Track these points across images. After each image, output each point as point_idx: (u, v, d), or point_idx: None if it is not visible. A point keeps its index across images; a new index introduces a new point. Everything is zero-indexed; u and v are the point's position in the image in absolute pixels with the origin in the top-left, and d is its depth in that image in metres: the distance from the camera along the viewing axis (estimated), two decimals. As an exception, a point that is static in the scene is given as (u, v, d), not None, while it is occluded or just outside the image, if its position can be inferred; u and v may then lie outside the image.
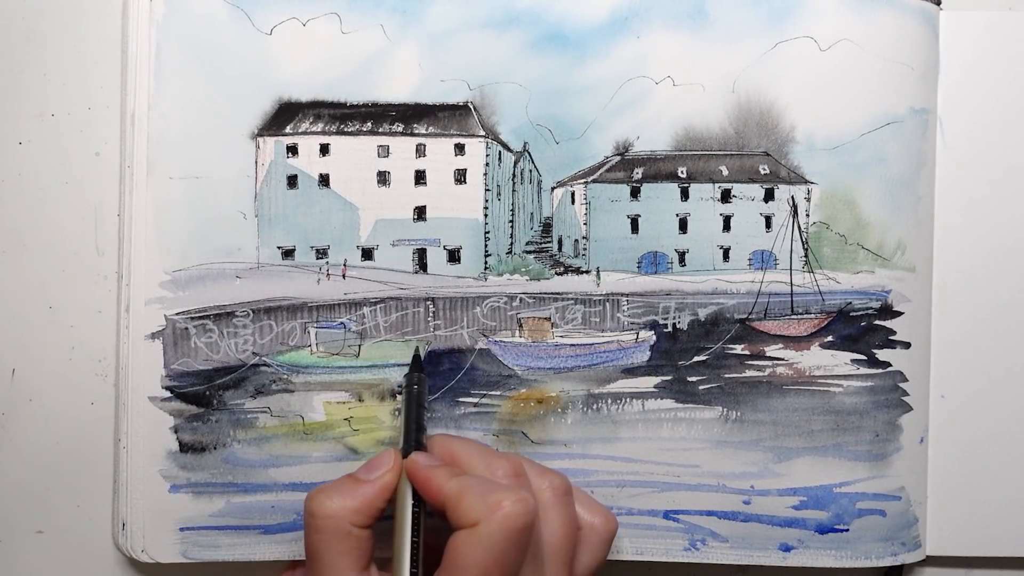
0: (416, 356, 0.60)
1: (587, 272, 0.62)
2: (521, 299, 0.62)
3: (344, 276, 0.61)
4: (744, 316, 0.62)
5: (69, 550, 0.62)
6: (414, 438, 0.56)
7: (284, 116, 0.60)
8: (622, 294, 0.62)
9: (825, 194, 0.61)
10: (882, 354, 0.62)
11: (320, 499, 0.52)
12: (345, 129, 0.61)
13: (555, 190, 0.62)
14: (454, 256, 0.61)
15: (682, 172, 0.62)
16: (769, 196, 0.62)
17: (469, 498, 0.49)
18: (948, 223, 0.63)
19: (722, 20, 0.61)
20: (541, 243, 0.63)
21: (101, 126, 0.61)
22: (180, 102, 0.59)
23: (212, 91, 0.60)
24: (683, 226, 0.62)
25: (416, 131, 0.61)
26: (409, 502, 0.53)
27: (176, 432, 0.60)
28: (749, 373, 0.62)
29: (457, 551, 0.49)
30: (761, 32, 0.61)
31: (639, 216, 0.62)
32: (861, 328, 0.62)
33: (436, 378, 0.61)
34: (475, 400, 0.61)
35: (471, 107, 0.61)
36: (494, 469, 0.53)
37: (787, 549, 0.62)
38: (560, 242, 0.63)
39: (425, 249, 0.61)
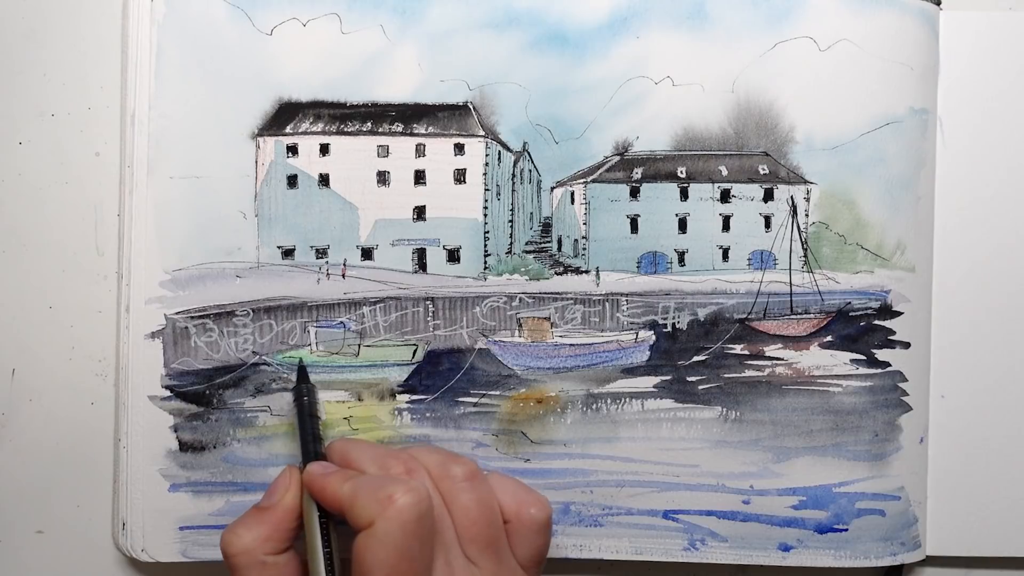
0: (301, 367, 0.60)
1: (586, 272, 0.62)
2: (521, 299, 0.62)
3: (344, 276, 0.61)
4: (743, 316, 0.62)
5: (69, 550, 0.63)
6: (312, 449, 0.56)
7: (284, 116, 0.60)
8: (621, 294, 0.62)
9: (824, 194, 0.61)
10: (882, 354, 0.62)
11: (229, 538, 0.52)
12: (345, 129, 0.61)
13: (555, 190, 0.62)
14: (454, 256, 0.61)
15: (681, 172, 0.62)
16: (768, 196, 0.62)
17: (361, 498, 0.49)
18: (948, 223, 0.63)
19: (721, 20, 0.61)
20: (540, 243, 0.63)
21: (101, 126, 0.61)
22: (180, 102, 0.60)
23: (212, 91, 0.60)
24: (682, 226, 0.62)
25: (416, 131, 0.61)
26: (315, 514, 0.53)
27: (176, 431, 0.60)
28: (748, 373, 0.62)
29: (360, 554, 0.48)
30: (760, 32, 0.61)
31: (638, 216, 0.62)
32: (860, 328, 0.62)
33: (436, 378, 0.61)
34: (475, 400, 0.61)
35: (471, 107, 0.61)
36: (387, 467, 0.53)
37: (786, 549, 0.62)
38: (559, 242, 0.63)
39: (425, 249, 0.61)
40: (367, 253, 0.61)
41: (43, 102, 0.61)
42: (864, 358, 0.62)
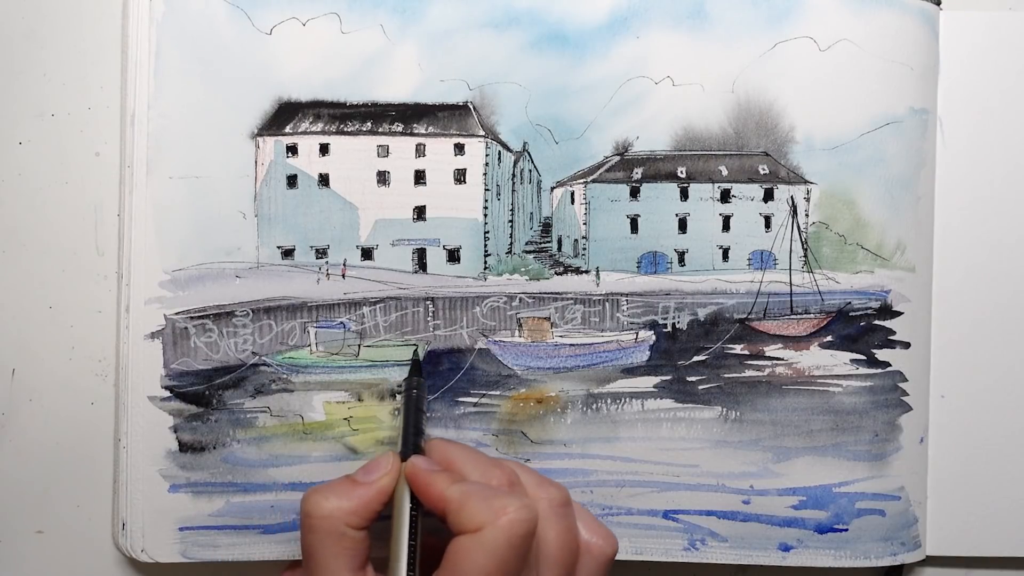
0: (415, 360, 0.60)
1: (586, 272, 0.62)
2: (521, 299, 0.62)
3: (344, 276, 0.61)
4: (743, 316, 0.62)
5: (69, 550, 0.63)
6: (412, 442, 0.56)
7: (284, 116, 0.60)
8: (621, 294, 0.62)
9: (824, 194, 0.61)
10: (882, 354, 0.62)
11: (316, 499, 0.52)
12: (345, 129, 0.61)
13: (555, 190, 0.62)
14: (454, 256, 0.61)
15: (681, 172, 0.62)
16: (768, 196, 0.62)
17: (473, 504, 0.49)
18: (948, 223, 0.63)
19: (721, 20, 0.61)
20: (540, 243, 0.63)
21: (101, 126, 0.61)
22: (180, 102, 0.60)
23: (212, 91, 0.60)
24: (682, 226, 0.62)
25: (416, 131, 0.61)
26: (407, 505, 0.53)
27: (176, 432, 0.60)
28: (748, 373, 0.62)
29: (458, 555, 0.49)
30: (760, 32, 0.61)
31: (638, 216, 0.62)
32: (860, 328, 0.62)
33: (436, 378, 0.61)
34: (475, 400, 0.61)
35: (471, 107, 0.61)
36: (489, 476, 0.53)
37: (786, 549, 0.62)
38: (559, 242, 0.63)
39: (425, 249, 0.61)
40: (367, 253, 0.61)
41: (43, 102, 0.61)
42: (864, 358, 0.62)
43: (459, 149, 0.62)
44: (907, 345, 0.62)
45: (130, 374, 0.60)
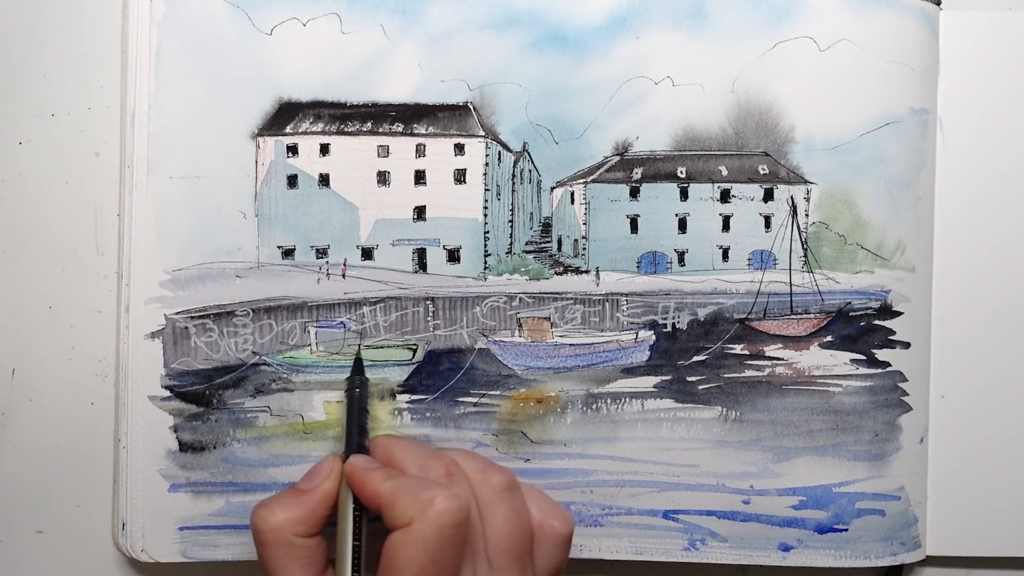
0: (357, 359, 0.60)
1: (586, 272, 0.62)
2: (520, 299, 0.62)
3: (344, 276, 0.61)
4: (743, 316, 0.62)
5: (69, 550, 0.63)
6: (356, 442, 0.56)
7: (284, 116, 0.60)
8: (621, 294, 0.62)
9: (824, 194, 0.61)
10: (882, 354, 0.62)
11: (262, 513, 0.52)
12: (345, 129, 0.61)
13: (555, 190, 0.62)
14: (454, 256, 0.61)
15: (681, 172, 0.62)
16: (768, 196, 0.62)
17: (402, 498, 0.50)
18: (948, 223, 0.63)
19: (721, 20, 0.61)
20: (540, 243, 0.63)
21: (101, 126, 0.61)
22: (180, 102, 0.60)
23: (212, 91, 0.60)
24: (682, 226, 0.62)
25: (416, 131, 0.61)
26: (350, 506, 0.53)
27: (176, 431, 0.60)
28: (748, 373, 0.62)
29: (392, 551, 0.49)
30: (760, 32, 0.61)
31: (638, 216, 0.62)
32: (860, 328, 0.62)
33: (436, 378, 0.61)
34: (475, 400, 0.61)
35: (471, 107, 0.61)
36: (428, 469, 0.53)
37: (786, 549, 0.62)
38: (559, 242, 0.63)
39: (425, 249, 0.61)
40: (367, 253, 0.61)
41: (43, 102, 0.61)
42: (864, 358, 0.62)
43: (459, 149, 0.62)
44: (907, 345, 0.62)
45: (130, 374, 0.60)
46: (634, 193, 0.62)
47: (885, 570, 0.63)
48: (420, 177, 0.61)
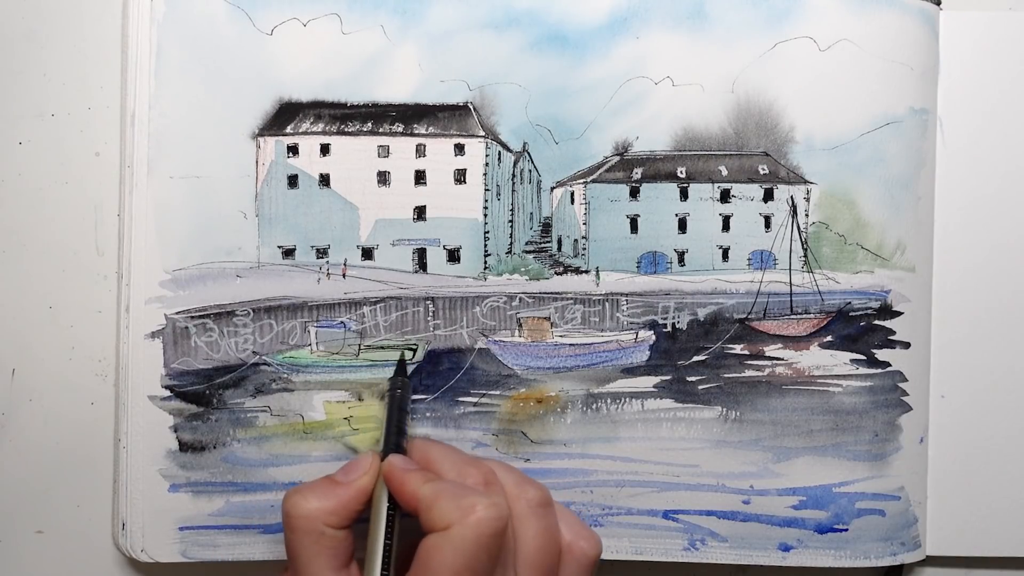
0: (401, 360, 0.60)
1: (586, 272, 0.62)
2: (520, 299, 0.62)
3: (344, 276, 0.61)
4: (743, 316, 0.62)
5: (69, 550, 0.63)
6: (394, 441, 0.56)
7: (284, 116, 0.61)
8: (621, 294, 0.62)
9: (824, 194, 0.61)
10: (881, 354, 0.62)
11: (296, 500, 0.52)
12: (345, 129, 0.61)
13: (554, 190, 0.62)
14: (454, 256, 0.61)
15: (681, 172, 0.62)
16: (768, 196, 0.62)
17: (442, 502, 0.50)
18: (948, 223, 0.63)
19: (721, 20, 0.61)
20: (540, 243, 0.63)
21: (101, 126, 0.61)
22: (181, 102, 0.60)
23: (213, 91, 0.60)
24: (682, 226, 0.62)
25: (416, 131, 0.61)
26: (384, 505, 0.53)
27: (176, 431, 0.60)
28: (748, 373, 0.62)
29: (428, 553, 0.49)
30: (760, 32, 0.61)
31: (638, 216, 0.62)
32: (860, 328, 0.62)
33: (436, 377, 0.61)
34: (475, 400, 0.61)
35: (471, 107, 0.61)
36: (465, 475, 0.53)
37: (786, 549, 0.62)
38: (559, 242, 0.63)
39: (425, 249, 0.61)
40: (367, 253, 0.61)
41: (43, 102, 0.61)
42: (864, 358, 0.62)
43: (459, 149, 0.62)
44: (907, 345, 0.62)
45: (130, 374, 0.60)
46: (634, 193, 0.62)
47: (885, 570, 0.63)
48: (420, 177, 0.61)
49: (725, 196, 0.62)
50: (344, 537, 0.53)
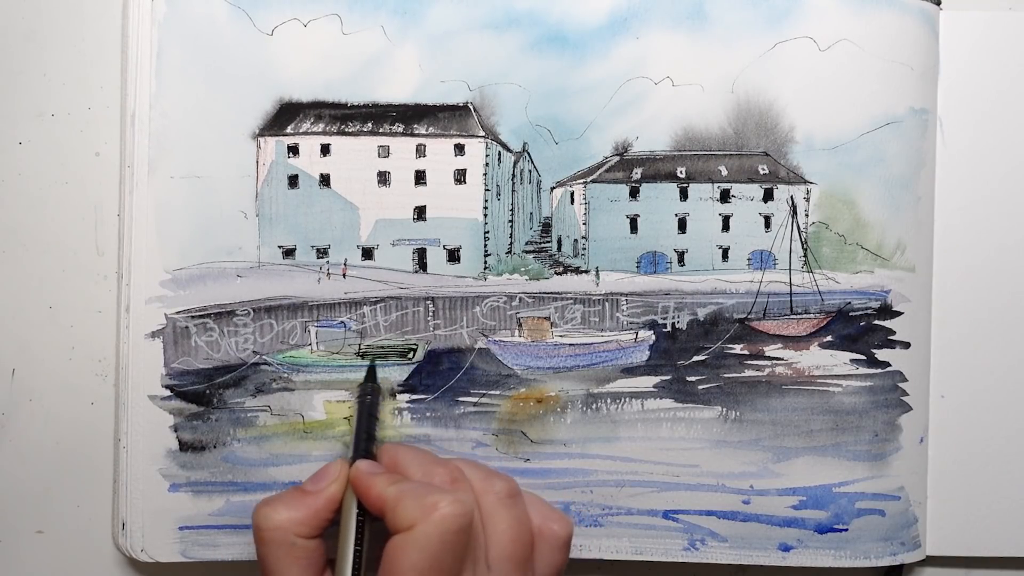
0: (371, 368, 0.60)
1: (586, 272, 0.62)
2: (520, 299, 0.62)
3: (344, 275, 0.61)
4: (743, 316, 0.62)
5: (69, 550, 0.62)
6: (363, 447, 0.56)
7: (285, 116, 0.61)
8: (621, 294, 0.62)
9: (824, 194, 0.61)
10: (881, 354, 0.62)
11: (265, 512, 0.52)
12: (346, 129, 0.61)
13: (554, 190, 0.62)
14: (454, 256, 0.61)
15: (681, 172, 0.62)
16: (768, 196, 0.62)
17: (406, 502, 0.50)
18: (948, 223, 0.63)
19: (721, 21, 0.61)
20: (540, 243, 0.63)
21: (101, 126, 0.61)
22: (181, 102, 0.60)
23: (213, 91, 0.60)
24: (682, 226, 0.62)
25: (416, 131, 0.61)
26: (354, 511, 0.53)
27: (176, 431, 0.60)
28: (748, 373, 0.62)
29: (393, 554, 0.49)
30: (760, 32, 0.61)
31: (638, 216, 0.62)
32: (860, 328, 0.62)
33: (436, 377, 0.61)
34: (475, 399, 0.61)
35: (471, 108, 0.61)
36: (432, 475, 0.53)
37: (786, 549, 0.62)
38: (559, 242, 0.63)
39: (425, 249, 0.61)
40: (367, 253, 0.61)
41: (43, 102, 0.61)
42: (864, 358, 0.62)
43: (459, 149, 0.62)
44: (907, 345, 0.62)
45: (130, 373, 0.60)
46: (634, 193, 0.62)
47: (885, 570, 0.63)
48: (420, 177, 0.61)
49: (725, 196, 0.62)
50: (316, 546, 0.53)
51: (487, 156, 0.62)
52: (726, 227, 0.62)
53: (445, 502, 0.49)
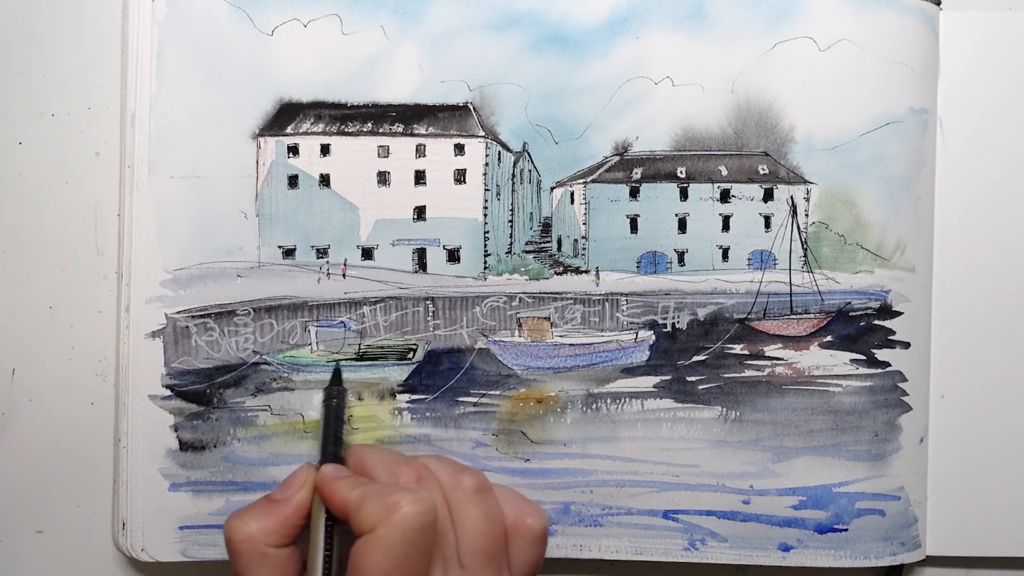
0: (336, 370, 0.60)
1: (586, 272, 0.62)
2: (520, 299, 0.62)
3: (344, 275, 0.61)
4: (743, 316, 0.62)
5: (69, 550, 0.62)
6: (331, 451, 0.56)
7: (285, 116, 0.61)
8: (621, 294, 0.62)
9: (824, 194, 0.61)
10: (881, 354, 0.62)
11: (235, 523, 0.52)
12: (346, 129, 0.61)
13: (554, 190, 0.62)
14: (454, 256, 0.61)
15: (681, 172, 0.62)
16: (768, 196, 0.62)
17: (368, 504, 0.50)
18: (948, 223, 0.63)
19: (721, 21, 0.61)
20: (540, 243, 0.63)
21: (101, 126, 0.61)
22: (182, 102, 0.60)
23: (213, 91, 0.60)
24: (682, 226, 0.62)
25: (416, 131, 0.61)
26: (323, 516, 0.53)
27: (176, 430, 0.60)
28: (748, 373, 0.62)
29: (359, 557, 0.49)
30: (760, 32, 0.61)
31: (638, 216, 0.62)
32: (860, 328, 0.62)
33: (436, 377, 0.61)
34: (475, 400, 0.61)
35: (471, 107, 0.61)
36: (398, 475, 0.53)
37: (786, 549, 0.62)
38: (559, 242, 0.63)
39: (425, 249, 0.61)
40: (367, 253, 0.61)
41: (43, 102, 0.61)
42: (864, 358, 0.62)
43: (459, 149, 0.62)
44: (907, 345, 0.62)
45: (130, 373, 0.60)
46: (634, 193, 0.62)
47: (885, 570, 0.63)
48: (420, 177, 0.61)
49: (725, 196, 0.62)
50: (289, 555, 0.53)
51: (487, 156, 0.62)
52: (726, 227, 0.62)
53: (406, 501, 0.49)
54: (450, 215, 0.61)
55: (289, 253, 0.61)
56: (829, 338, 0.62)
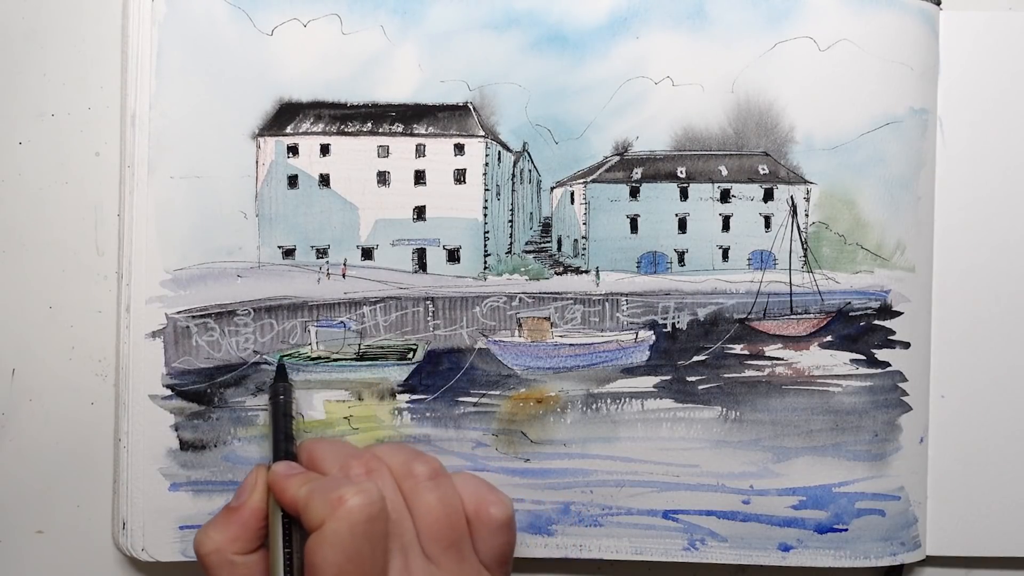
0: (280, 366, 0.60)
1: (586, 272, 0.62)
2: (520, 299, 0.62)
3: (344, 275, 0.61)
4: (743, 316, 0.62)
5: (69, 550, 0.62)
6: (283, 449, 0.56)
7: (285, 116, 0.61)
8: (621, 294, 0.62)
9: (824, 194, 0.61)
10: (881, 354, 0.62)
11: (200, 537, 0.53)
12: (345, 129, 0.61)
13: (554, 190, 0.62)
14: (454, 256, 0.61)
15: (681, 172, 0.62)
16: (768, 196, 0.62)
17: (314, 500, 0.49)
18: (948, 223, 0.63)
19: (721, 20, 0.61)
20: (540, 243, 0.63)
21: (101, 126, 0.61)
22: (182, 102, 0.60)
23: (213, 91, 0.60)
24: (682, 226, 0.62)
25: (416, 131, 0.61)
26: (279, 516, 0.53)
27: (176, 430, 0.60)
28: (748, 373, 0.62)
29: (311, 555, 0.49)
30: (760, 32, 0.61)
31: (638, 216, 0.62)
32: (860, 328, 0.62)
33: (436, 377, 0.61)
34: (474, 400, 0.61)
35: (471, 107, 0.61)
36: (349, 468, 0.53)
37: (786, 549, 0.62)
38: (559, 242, 0.63)
39: (425, 249, 0.61)
40: (367, 253, 0.61)
41: (43, 102, 0.61)
42: (864, 358, 0.62)
43: (459, 149, 0.62)
44: (907, 345, 0.62)
45: (131, 373, 0.60)
46: (634, 193, 0.62)
47: (885, 570, 0.63)
48: (420, 177, 0.61)
49: (725, 196, 0.62)
50: (258, 560, 0.53)
51: (487, 156, 0.62)
52: (726, 227, 0.62)
53: (351, 494, 0.49)
54: (450, 215, 0.61)
55: (289, 253, 0.61)
56: (829, 338, 0.62)
